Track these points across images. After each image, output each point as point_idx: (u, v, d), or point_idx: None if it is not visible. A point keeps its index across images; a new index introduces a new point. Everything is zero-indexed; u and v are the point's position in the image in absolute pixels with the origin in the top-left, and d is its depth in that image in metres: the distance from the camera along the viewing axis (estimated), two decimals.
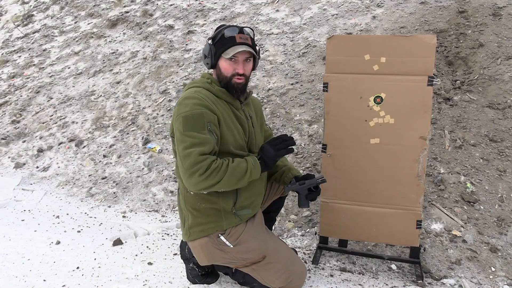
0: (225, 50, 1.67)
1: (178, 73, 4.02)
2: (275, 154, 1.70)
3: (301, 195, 1.86)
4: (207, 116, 1.60)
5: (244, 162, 1.65)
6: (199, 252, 1.80)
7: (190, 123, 1.57)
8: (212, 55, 1.70)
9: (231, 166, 1.60)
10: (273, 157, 1.70)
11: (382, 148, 2.06)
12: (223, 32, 1.68)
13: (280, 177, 1.97)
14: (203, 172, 1.53)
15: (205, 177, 1.54)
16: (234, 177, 1.60)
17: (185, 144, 1.56)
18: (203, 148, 1.55)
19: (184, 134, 1.57)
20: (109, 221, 2.78)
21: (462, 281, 2.03)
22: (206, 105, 1.62)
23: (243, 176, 1.63)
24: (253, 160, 1.68)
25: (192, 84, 1.74)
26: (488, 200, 2.38)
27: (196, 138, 1.56)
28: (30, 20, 5.86)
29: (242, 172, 1.62)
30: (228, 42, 1.67)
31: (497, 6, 3.31)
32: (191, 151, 1.55)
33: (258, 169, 1.67)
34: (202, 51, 1.75)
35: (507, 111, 2.70)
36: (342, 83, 2.06)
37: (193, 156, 1.54)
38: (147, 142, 3.47)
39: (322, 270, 2.17)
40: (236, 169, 1.60)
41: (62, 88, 4.47)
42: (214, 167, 1.55)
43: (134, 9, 5.19)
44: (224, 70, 1.70)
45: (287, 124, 3.18)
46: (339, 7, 4.06)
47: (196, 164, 1.53)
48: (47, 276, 2.12)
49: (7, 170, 3.64)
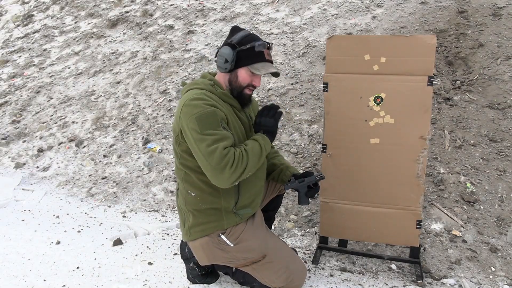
0: (253, 63, 1.67)
1: (178, 73, 4.02)
2: (274, 120, 1.76)
3: (301, 192, 1.87)
4: (219, 114, 1.62)
5: (254, 141, 1.69)
6: (199, 252, 1.80)
7: (205, 122, 1.57)
8: (234, 62, 1.68)
9: (249, 149, 1.63)
10: (273, 124, 1.76)
11: (382, 148, 2.06)
12: (254, 45, 1.66)
13: (278, 175, 1.97)
14: (232, 164, 1.55)
15: (235, 168, 1.55)
16: (255, 158, 1.64)
17: (207, 142, 1.55)
18: (226, 142, 1.57)
19: (203, 134, 1.56)
20: (109, 221, 2.78)
21: (462, 281, 2.03)
22: (214, 105, 1.62)
23: (261, 154, 1.67)
24: (260, 136, 1.71)
25: (194, 86, 1.71)
26: (488, 200, 2.38)
27: (216, 134, 1.57)
28: (30, 20, 5.86)
29: (258, 151, 1.66)
30: (257, 56, 1.67)
31: (497, 6, 3.31)
32: (215, 147, 1.54)
33: (268, 142, 1.72)
34: (222, 54, 1.67)
35: (507, 111, 2.70)
36: (342, 83, 2.07)
37: (219, 152, 1.54)
38: (147, 142, 3.47)
39: (322, 270, 2.17)
40: (253, 150, 1.64)
41: (62, 88, 4.47)
42: (238, 156, 1.57)
43: (134, 9, 5.19)
44: (242, 80, 1.70)
45: (287, 124, 3.18)
46: (339, 7, 4.06)
47: (223, 159, 1.53)
48: (47, 276, 2.12)
49: (7, 170, 3.64)
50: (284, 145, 3.04)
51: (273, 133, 1.77)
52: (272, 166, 2.01)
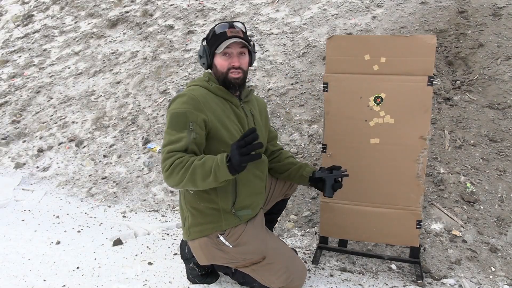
0: (218, 45, 1.68)
1: (178, 73, 4.02)
2: (239, 160, 1.41)
3: (327, 183, 1.88)
4: (191, 116, 1.59)
5: (211, 162, 1.48)
6: (198, 252, 1.80)
7: (174, 120, 1.59)
8: (206, 54, 1.73)
9: (196, 163, 1.48)
10: (238, 163, 1.42)
11: (382, 148, 2.06)
12: (214, 29, 1.71)
13: (297, 172, 1.96)
14: (167, 169, 1.52)
15: (169, 174, 1.51)
16: (198, 177, 1.47)
17: (164, 142, 1.60)
18: (175, 146, 1.56)
19: (166, 132, 1.61)
20: (109, 221, 2.78)
21: (462, 281, 2.03)
22: (194, 104, 1.61)
23: (206, 175, 1.47)
24: (221, 160, 1.46)
25: (191, 83, 1.76)
26: (488, 200, 2.38)
27: (173, 136, 1.58)
28: (30, 20, 5.86)
29: (206, 173, 1.47)
30: (219, 37, 1.69)
31: (497, 6, 3.31)
32: (165, 149, 1.58)
33: (224, 171, 1.44)
34: (198, 53, 1.78)
35: (507, 111, 2.70)
36: (342, 83, 2.06)
37: (164, 154, 1.57)
38: (147, 142, 3.47)
39: (322, 270, 2.17)
40: (200, 167, 1.47)
41: (62, 88, 4.47)
42: (177, 163, 1.49)
43: (134, 9, 5.19)
44: (220, 67, 1.71)
45: (287, 124, 3.18)
46: (339, 7, 4.06)
47: (164, 161, 1.55)
48: (47, 276, 2.12)
49: (7, 170, 3.64)
50: (284, 145, 3.04)
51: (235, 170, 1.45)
52: (289, 165, 2.00)
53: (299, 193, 2.74)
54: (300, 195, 2.73)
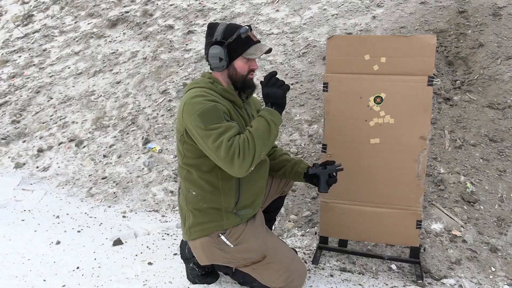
0: (245, 50, 1.68)
1: (178, 73, 4.02)
2: (282, 91, 1.67)
3: (322, 179, 1.88)
4: (221, 107, 1.61)
5: (260, 119, 1.63)
6: (199, 251, 1.80)
7: (208, 117, 1.57)
8: (228, 57, 1.68)
9: (253, 130, 1.58)
10: (282, 96, 1.67)
11: (382, 148, 2.06)
12: (239, 33, 1.67)
13: (291, 168, 1.97)
14: (239, 153, 1.52)
15: (243, 156, 1.53)
16: (263, 136, 1.59)
17: (213, 137, 1.55)
18: (230, 133, 1.55)
19: (207, 129, 1.56)
20: (109, 221, 2.78)
21: (462, 281, 2.03)
22: (213, 99, 1.62)
23: (269, 130, 1.61)
24: (267, 111, 1.65)
25: (194, 85, 1.72)
26: (488, 200, 2.38)
27: (220, 127, 1.56)
28: (30, 20, 5.86)
29: (265, 128, 1.60)
30: (246, 42, 1.68)
31: (497, 6, 3.31)
32: (220, 141, 1.54)
33: (277, 114, 1.65)
34: (214, 54, 1.67)
35: (507, 111, 2.70)
36: (342, 83, 2.06)
37: (224, 144, 1.53)
38: (147, 142, 3.47)
39: (322, 270, 2.17)
40: (258, 129, 1.59)
41: (62, 88, 4.47)
42: (242, 143, 1.54)
43: (134, 9, 5.18)
44: (241, 69, 1.71)
45: (287, 124, 3.18)
46: (339, 7, 4.06)
47: (229, 150, 1.52)
48: (47, 276, 2.12)
49: (7, 170, 3.64)
50: (284, 145, 3.04)
51: (282, 105, 1.70)
52: (284, 162, 2.01)
53: (299, 193, 2.74)
54: (300, 195, 2.73)
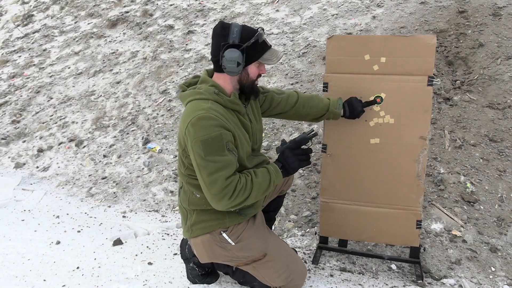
0: (262, 55, 1.65)
1: (178, 73, 4.02)
2: (298, 165, 1.74)
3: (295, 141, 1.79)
4: (226, 136, 1.56)
5: (266, 173, 1.67)
6: (200, 249, 1.80)
7: (210, 147, 1.53)
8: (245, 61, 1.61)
9: (256, 181, 1.63)
10: (295, 168, 1.74)
11: (382, 148, 2.06)
12: (257, 38, 1.60)
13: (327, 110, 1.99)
14: (231, 195, 1.55)
15: (233, 199, 1.56)
16: (260, 191, 1.64)
17: (210, 170, 1.54)
18: (227, 171, 1.55)
19: (206, 160, 1.53)
20: (109, 221, 2.78)
21: (462, 281, 2.03)
22: (222, 125, 1.56)
23: (267, 188, 1.67)
24: (275, 170, 1.70)
25: (198, 96, 1.62)
26: (488, 200, 2.38)
27: (219, 162, 1.54)
28: (30, 20, 5.86)
29: (266, 186, 1.66)
30: (263, 47, 1.65)
31: (497, 6, 3.31)
32: (217, 177, 1.53)
33: (280, 178, 1.72)
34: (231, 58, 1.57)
35: (507, 111, 2.70)
36: (342, 83, 2.06)
37: (220, 182, 1.53)
38: (147, 142, 3.47)
39: (322, 270, 2.17)
40: (261, 183, 1.64)
41: (62, 88, 4.47)
42: (240, 188, 1.57)
43: (134, 9, 5.19)
44: (253, 74, 1.68)
45: (287, 124, 3.18)
46: (339, 7, 4.06)
47: (223, 189, 1.54)
48: (47, 276, 2.12)
49: (7, 170, 3.64)
50: None
51: (289, 173, 1.76)
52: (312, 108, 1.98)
53: (299, 193, 2.74)
54: (300, 195, 2.73)
